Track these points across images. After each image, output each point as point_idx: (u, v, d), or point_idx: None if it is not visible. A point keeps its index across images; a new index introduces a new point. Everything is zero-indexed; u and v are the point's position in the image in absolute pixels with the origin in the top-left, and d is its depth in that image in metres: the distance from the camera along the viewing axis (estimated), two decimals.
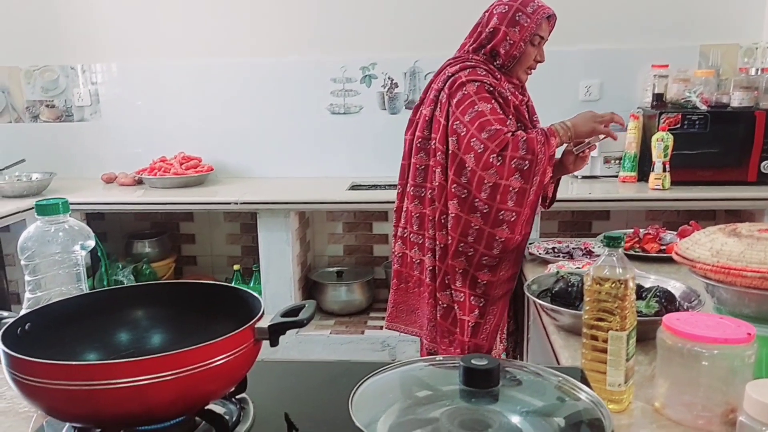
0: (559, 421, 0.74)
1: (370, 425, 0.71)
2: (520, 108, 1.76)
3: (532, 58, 1.73)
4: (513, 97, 1.74)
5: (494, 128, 1.63)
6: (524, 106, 1.80)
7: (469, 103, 1.65)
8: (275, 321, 0.76)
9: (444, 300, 1.76)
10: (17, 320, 0.79)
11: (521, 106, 1.77)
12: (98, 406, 0.68)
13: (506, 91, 1.73)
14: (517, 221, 1.63)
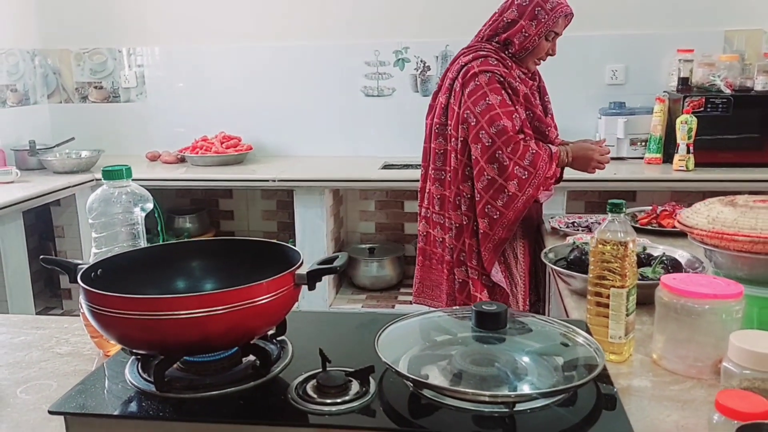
0: (560, 361, 0.83)
1: (393, 360, 0.81)
2: (530, 95, 1.83)
3: (544, 51, 1.82)
4: (523, 84, 1.81)
5: (502, 124, 1.72)
6: (535, 90, 1.89)
7: (481, 95, 1.75)
8: (312, 268, 0.87)
9: (460, 276, 1.87)
10: (90, 266, 0.91)
11: (532, 92, 1.85)
12: (163, 335, 0.79)
13: (516, 79, 1.80)
14: (498, 220, 1.75)
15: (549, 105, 1.94)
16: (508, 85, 1.77)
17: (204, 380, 0.86)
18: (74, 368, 0.99)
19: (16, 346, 1.08)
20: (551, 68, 3.10)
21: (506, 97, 1.76)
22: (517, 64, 1.82)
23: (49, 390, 0.92)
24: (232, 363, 0.89)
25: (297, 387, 0.83)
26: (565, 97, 3.01)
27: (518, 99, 1.79)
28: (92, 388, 0.86)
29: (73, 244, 3.04)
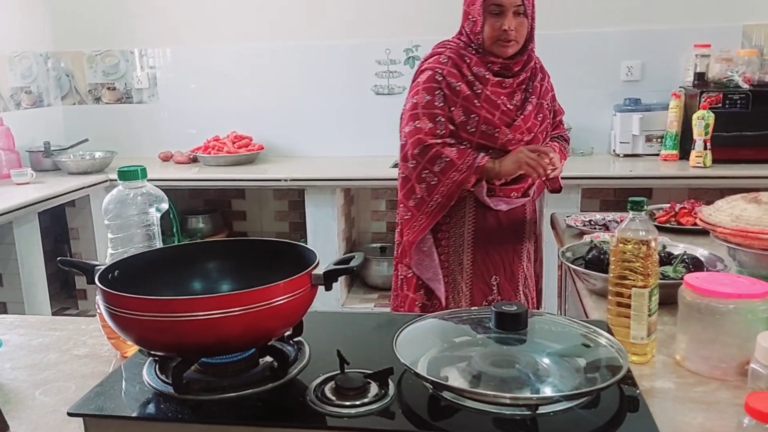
0: (582, 363, 0.82)
1: (411, 362, 0.81)
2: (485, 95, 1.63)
3: (496, 28, 1.59)
4: (479, 83, 1.63)
5: (416, 125, 1.64)
6: (511, 87, 1.66)
7: (413, 93, 1.70)
8: (329, 268, 0.86)
9: (402, 272, 1.85)
10: (107, 268, 0.91)
11: (496, 90, 1.64)
12: (180, 336, 0.79)
13: (462, 78, 1.62)
14: (410, 221, 1.71)
15: (529, 105, 1.68)
16: (446, 84, 1.63)
17: (222, 382, 0.85)
18: (92, 370, 0.99)
19: (35, 347, 1.09)
20: (565, 65, 3.11)
21: (437, 98, 1.63)
22: (482, 58, 1.64)
23: (68, 392, 0.92)
24: (249, 365, 0.88)
25: (315, 389, 0.82)
26: (579, 94, 3.00)
27: (457, 99, 1.62)
28: (110, 389, 0.86)
29: (88, 246, 3.06)
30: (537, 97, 1.70)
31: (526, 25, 1.61)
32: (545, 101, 1.73)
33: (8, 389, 0.93)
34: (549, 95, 1.75)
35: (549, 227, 2.54)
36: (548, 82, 1.78)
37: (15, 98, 3.24)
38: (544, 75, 1.76)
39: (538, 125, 1.70)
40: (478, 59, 1.65)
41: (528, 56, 1.67)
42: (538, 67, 1.74)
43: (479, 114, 1.64)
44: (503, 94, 1.65)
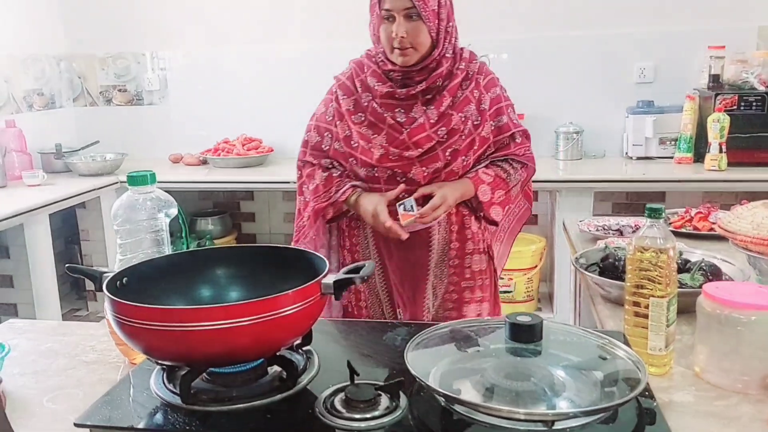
0: (599, 376, 0.80)
1: (423, 374, 0.79)
2: (382, 105, 1.47)
3: (388, 35, 1.42)
4: (367, 94, 1.49)
5: (305, 136, 1.59)
6: (408, 98, 1.46)
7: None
8: (339, 277, 0.85)
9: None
10: (116, 275, 0.90)
11: (391, 101, 1.47)
12: (188, 346, 0.78)
13: (354, 91, 1.51)
14: (302, 226, 1.59)
15: (423, 117, 1.45)
16: (337, 97, 1.53)
17: (230, 392, 0.85)
18: (100, 377, 0.98)
19: (43, 353, 1.08)
20: (577, 67, 3.09)
21: (328, 111, 1.55)
22: (382, 67, 1.48)
23: (75, 399, 0.91)
24: (257, 374, 0.87)
25: (325, 400, 0.81)
26: (591, 96, 2.97)
27: (342, 114, 1.52)
28: (118, 399, 0.86)
29: (98, 247, 3.06)
30: (448, 108, 1.45)
31: (426, 30, 1.40)
32: (462, 113, 1.46)
33: (16, 396, 0.92)
34: (471, 106, 1.47)
35: (560, 232, 2.52)
36: (482, 90, 1.50)
37: (27, 100, 3.25)
38: (473, 82, 1.49)
39: (435, 139, 1.44)
40: (376, 69, 1.49)
41: (436, 63, 1.44)
42: (464, 73, 1.49)
43: (355, 129, 1.48)
44: (397, 106, 1.46)
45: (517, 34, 3.02)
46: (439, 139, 1.45)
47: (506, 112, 1.54)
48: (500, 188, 1.53)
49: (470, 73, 1.50)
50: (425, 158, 1.46)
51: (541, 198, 3.11)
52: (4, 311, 2.70)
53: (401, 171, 1.46)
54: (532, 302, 2.87)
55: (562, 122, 2.94)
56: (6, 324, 1.22)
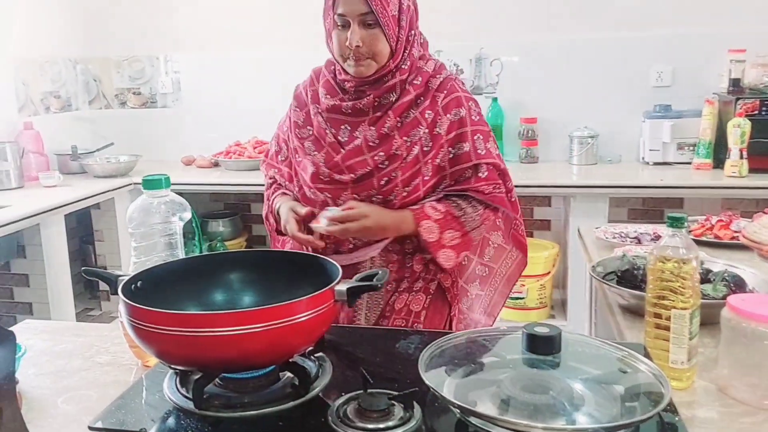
0: (619, 390, 0.78)
1: (438, 384, 0.77)
2: (328, 119, 1.32)
3: (341, 43, 1.26)
4: (314, 106, 1.35)
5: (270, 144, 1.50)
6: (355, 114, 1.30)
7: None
8: (352, 284, 0.84)
9: None
10: (130, 279, 0.90)
11: (337, 115, 1.31)
12: (201, 351, 0.78)
13: (306, 102, 1.38)
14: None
15: (359, 138, 1.28)
16: (292, 108, 1.42)
17: (242, 398, 0.84)
18: (114, 378, 0.98)
19: (58, 354, 1.09)
20: (592, 70, 3.05)
21: (286, 122, 1.44)
22: (338, 75, 1.33)
23: (89, 401, 0.91)
24: (270, 380, 0.87)
25: (338, 409, 0.79)
26: (606, 100, 2.93)
27: (292, 126, 1.40)
28: (131, 403, 0.86)
29: (112, 248, 3.08)
30: (392, 130, 1.26)
31: (385, 38, 1.23)
32: (408, 137, 1.26)
33: (32, 396, 0.93)
34: (421, 129, 1.26)
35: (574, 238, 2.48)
36: (438, 110, 1.28)
37: (45, 102, 3.28)
38: (429, 100, 1.28)
39: (371, 165, 1.26)
40: (330, 79, 1.34)
41: (391, 75, 1.27)
42: (421, 89, 1.28)
43: (299, 144, 1.35)
44: (344, 122, 1.30)
45: (530, 37, 2.99)
46: (377, 164, 1.26)
47: (470, 138, 1.29)
48: (452, 228, 1.27)
49: (430, 89, 1.29)
50: (359, 185, 1.27)
51: (554, 203, 3.08)
52: (20, 310, 2.74)
53: (331, 196, 1.29)
54: (545, 309, 2.84)
55: (576, 126, 2.90)
56: (22, 324, 1.23)
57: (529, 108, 3.01)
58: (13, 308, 2.76)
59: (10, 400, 0.71)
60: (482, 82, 3.08)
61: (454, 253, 1.29)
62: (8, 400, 0.70)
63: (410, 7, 1.28)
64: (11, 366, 0.71)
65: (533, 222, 3.14)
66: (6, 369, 0.70)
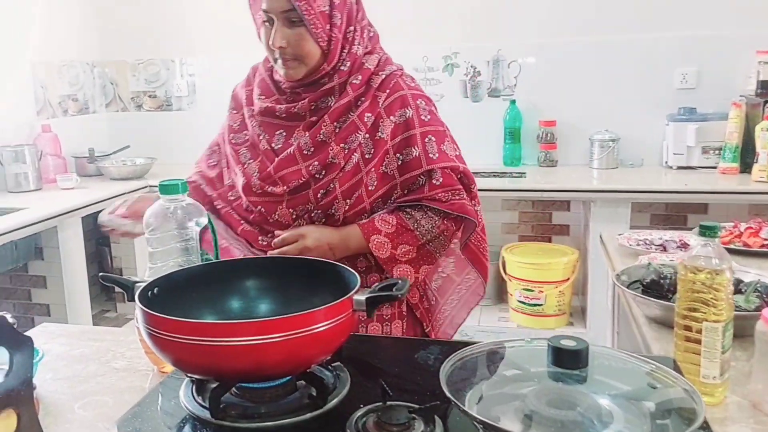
0: (649, 406, 0.74)
1: (459, 397, 0.75)
2: (261, 124, 1.23)
3: (267, 42, 1.16)
4: (247, 109, 1.26)
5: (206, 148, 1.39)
6: (289, 119, 1.20)
7: None
8: (372, 294, 0.81)
9: None
10: (147, 285, 0.89)
11: (270, 120, 1.21)
12: (218, 361, 0.76)
13: (237, 106, 1.29)
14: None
15: (293, 146, 1.18)
16: (229, 110, 1.32)
17: (259, 408, 0.82)
18: (129, 384, 0.98)
19: (75, 358, 1.08)
20: (614, 72, 2.99)
21: (225, 126, 1.34)
22: (274, 74, 1.23)
23: (106, 406, 0.91)
24: (286, 391, 0.85)
25: (356, 421, 0.77)
26: (629, 102, 2.88)
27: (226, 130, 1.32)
28: (147, 411, 0.85)
29: (128, 251, 3.10)
30: (327, 137, 1.16)
31: (311, 39, 1.12)
32: (346, 143, 1.15)
33: (49, 401, 0.93)
34: (360, 134, 1.15)
35: (594, 243, 2.43)
36: (381, 112, 1.17)
37: (63, 105, 3.31)
38: (370, 101, 1.17)
39: (306, 176, 1.15)
40: (265, 78, 1.24)
41: (328, 77, 1.16)
42: (360, 89, 1.17)
43: (232, 152, 1.25)
44: (279, 127, 1.19)
45: (549, 38, 2.95)
46: (312, 175, 1.15)
47: (419, 142, 1.16)
48: (406, 243, 1.16)
49: (371, 88, 1.17)
50: (294, 197, 1.16)
51: (573, 208, 3.03)
52: (38, 311, 2.76)
53: (265, 210, 1.18)
54: (564, 317, 2.79)
55: (597, 129, 2.86)
56: (39, 328, 1.23)
57: (548, 110, 2.97)
58: (31, 309, 2.78)
59: (28, 406, 0.71)
60: (500, 84, 3.05)
61: (411, 268, 1.18)
62: (26, 406, 0.70)
63: (347, 0, 1.16)
64: (29, 371, 0.71)
65: (552, 227, 3.10)
66: (24, 374, 0.70)
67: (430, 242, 1.19)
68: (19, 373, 0.69)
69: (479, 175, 2.89)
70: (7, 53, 2.92)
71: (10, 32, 2.93)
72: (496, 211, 3.15)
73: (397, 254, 1.16)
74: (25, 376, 0.70)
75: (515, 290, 2.79)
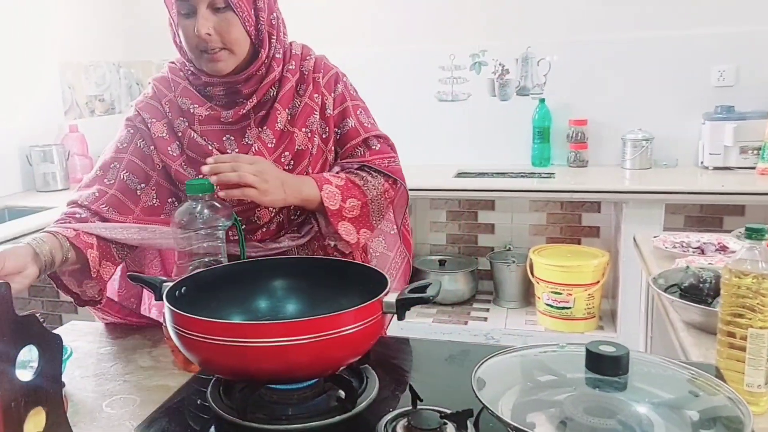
0: (692, 415, 0.71)
1: (492, 402, 0.72)
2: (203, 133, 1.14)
3: (189, 35, 1.08)
4: (185, 119, 1.16)
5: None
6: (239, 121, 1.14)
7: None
8: (403, 296, 0.80)
9: None
10: (175, 285, 0.89)
11: (215, 127, 1.14)
12: (246, 362, 0.75)
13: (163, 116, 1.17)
14: None
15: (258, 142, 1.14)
16: (142, 120, 1.20)
17: (286, 410, 0.82)
18: (156, 383, 0.98)
19: (102, 356, 1.09)
20: (648, 70, 2.92)
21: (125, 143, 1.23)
22: (196, 81, 1.15)
23: (133, 405, 0.91)
24: (314, 393, 0.84)
25: (386, 425, 0.75)
26: (663, 101, 2.80)
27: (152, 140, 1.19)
28: (174, 411, 0.85)
29: None
30: (286, 125, 1.14)
31: (240, 23, 1.07)
32: (306, 127, 1.15)
33: (77, 399, 0.94)
34: (315, 115, 1.17)
35: (626, 245, 2.38)
36: (323, 91, 1.19)
37: (89, 106, 3.36)
38: (311, 84, 1.17)
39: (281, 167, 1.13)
40: (187, 86, 1.15)
41: (266, 68, 1.12)
42: (297, 74, 1.17)
43: (170, 166, 1.15)
44: (224, 132, 1.14)
45: (579, 35, 2.88)
46: (284, 166, 1.13)
47: (353, 113, 1.21)
48: (354, 197, 1.14)
49: (305, 73, 1.17)
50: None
51: (604, 209, 2.97)
52: (66, 309, 2.80)
53: (241, 218, 1.12)
54: (593, 320, 2.73)
55: (630, 129, 2.79)
56: (68, 326, 1.25)
57: (578, 109, 2.91)
58: (59, 307, 2.82)
59: (57, 404, 0.71)
60: (529, 82, 3.00)
61: (354, 228, 1.14)
62: (55, 404, 0.70)
63: None
64: (58, 369, 0.71)
65: (581, 229, 3.04)
66: (53, 372, 0.70)
67: (372, 201, 1.18)
68: (48, 371, 0.69)
69: (507, 175, 2.85)
70: (36, 54, 2.97)
71: (38, 33, 2.98)
72: (524, 213, 3.10)
73: (346, 207, 1.13)
74: (54, 373, 0.70)
75: (543, 293, 2.75)
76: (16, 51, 2.86)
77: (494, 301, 3.07)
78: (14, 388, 0.64)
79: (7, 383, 0.64)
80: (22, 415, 0.66)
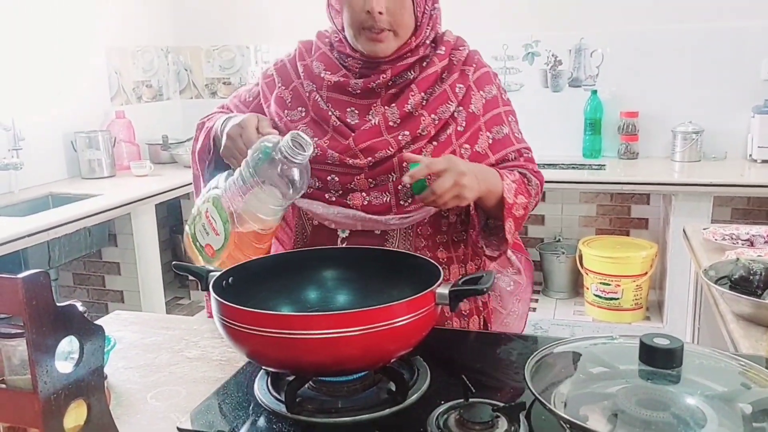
0: (745, 408, 0.69)
1: (545, 396, 0.71)
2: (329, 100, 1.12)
3: (358, 10, 1.04)
4: (313, 84, 1.14)
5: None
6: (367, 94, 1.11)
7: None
8: (457, 288, 0.79)
9: None
10: (222, 275, 0.88)
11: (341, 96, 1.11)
12: (295, 354, 0.74)
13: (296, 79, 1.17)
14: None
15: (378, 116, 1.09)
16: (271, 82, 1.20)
17: (335, 403, 0.81)
18: (203, 374, 0.96)
19: (147, 347, 1.07)
20: (697, 62, 2.82)
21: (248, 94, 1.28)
22: (339, 48, 1.14)
23: (178, 397, 0.89)
24: (364, 385, 0.83)
25: (437, 418, 0.75)
26: (712, 94, 2.74)
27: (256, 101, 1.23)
28: (221, 403, 0.84)
29: None
30: (417, 107, 1.09)
31: (411, 9, 1.05)
32: (437, 114, 1.09)
33: (121, 390, 0.92)
34: (452, 105, 1.10)
35: (675, 237, 2.33)
36: (471, 85, 1.13)
37: (137, 92, 3.34)
38: (458, 73, 1.13)
39: (394, 147, 1.07)
40: (326, 51, 1.15)
41: (411, 52, 1.09)
42: (445, 60, 1.12)
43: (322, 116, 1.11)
44: (349, 104, 1.11)
45: (633, 26, 2.82)
46: (401, 146, 1.07)
47: (506, 120, 1.15)
48: (523, 194, 1.09)
49: (454, 63, 1.12)
50: (377, 169, 1.07)
51: (653, 201, 2.91)
52: (112, 298, 2.83)
53: (339, 180, 1.08)
54: (640, 311, 2.71)
55: (680, 121, 2.73)
56: (112, 315, 1.23)
57: (630, 101, 2.86)
58: (105, 296, 2.83)
59: (99, 396, 0.69)
60: (581, 74, 2.95)
61: (514, 225, 1.08)
62: (96, 396, 0.68)
63: None
64: (99, 361, 0.69)
65: (630, 220, 2.99)
66: (94, 364, 0.68)
67: (531, 201, 1.14)
68: (90, 363, 0.67)
69: (558, 167, 2.82)
70: (83, 39, 2.95)
71: (85, 18, 2.96)
72: (574, 204, 3.07)
73: (517, 203, 1.08)
74: (95, 365, 0.68)
75: (591, 284, 2.74)
76: (63, 36, 2.83)
77: (543, 291, 3.07)
78: (54, 380, 0.63)
79: (47, 375, 0.62)
80: (62, 407, 0.64)
